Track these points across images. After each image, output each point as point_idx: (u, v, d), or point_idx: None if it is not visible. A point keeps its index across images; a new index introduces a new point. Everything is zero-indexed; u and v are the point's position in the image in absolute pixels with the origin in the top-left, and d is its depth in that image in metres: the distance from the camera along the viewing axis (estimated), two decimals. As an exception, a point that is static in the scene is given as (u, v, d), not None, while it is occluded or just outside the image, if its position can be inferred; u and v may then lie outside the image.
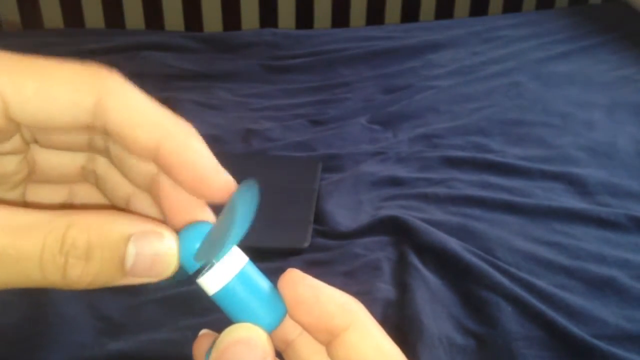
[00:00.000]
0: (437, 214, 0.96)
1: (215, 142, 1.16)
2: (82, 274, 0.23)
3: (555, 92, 1.32)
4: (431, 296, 0.81)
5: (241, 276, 0.25)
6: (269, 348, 0.24)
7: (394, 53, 1.50)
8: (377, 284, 0.83)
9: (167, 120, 0.27)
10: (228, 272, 0.25)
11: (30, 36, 1.57)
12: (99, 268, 0.23)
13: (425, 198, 1.00)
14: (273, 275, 0.27)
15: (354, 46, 1.52)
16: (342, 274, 0.85)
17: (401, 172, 1.07)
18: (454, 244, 0.87)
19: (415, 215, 0.94)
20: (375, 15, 1.85)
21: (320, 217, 0.96)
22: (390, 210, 0.96)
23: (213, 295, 0.25)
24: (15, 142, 0.25)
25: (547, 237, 0.92)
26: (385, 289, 0.82)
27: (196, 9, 1.77)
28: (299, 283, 0.25)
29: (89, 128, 0.25)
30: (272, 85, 1.39)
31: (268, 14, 1.80)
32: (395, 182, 1.05)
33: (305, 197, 0.99)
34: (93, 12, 1.73)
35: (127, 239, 0.23)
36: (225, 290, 0.25)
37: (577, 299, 0.80)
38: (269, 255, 0.87)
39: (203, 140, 0.27)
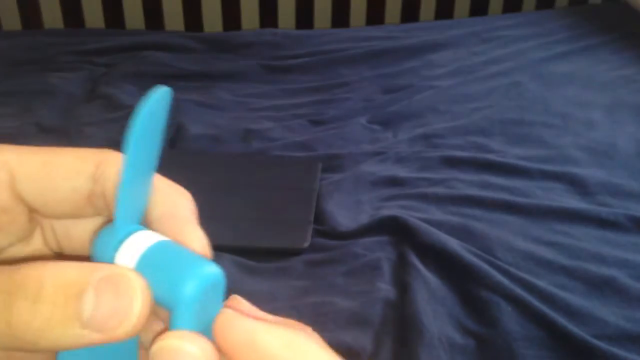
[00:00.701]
0: (437, 214, 0.96)
1: (215, 142, 1.16)
2: (30, 317, 0.20)
3: (556, 92, 1.32)
4: (431, 296, 0.81)
5: (152, 249, 0.22)
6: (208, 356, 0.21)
7: (394, 53, 1.50)
8: (377, 284, 0.83)
9: (160, 188, 0.25)
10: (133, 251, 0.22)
11: (30, 36, 1.57)
12: (50, 312, 0.20)
13: (425, 198, 1.00)
14: (273, 276, 0.26)
15: (354, 46, 1.52)
16: (342, 274, 0.85)
17: (401, 172, 1.07)
18: (454, 244, 0.87)
19: (415, 215, 0.94)
20: (375, 15, 1.85)
21: (320, 217, 0.96)
22: (390, 210, 0.96)
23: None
24: (21, 227, 0.25)
25: (547, 237, 0.92)
26: (385, 289, 0.82)
27: (196, 9, 1.77)
28: (232, 327, 0.21)
29: (91, 196, 0.24)
30: (272, 85, 1.39)
31: (268, 14, 1.80)
32: (395, 182, 1.05)
33: (305, 197, 0.99)
34: (93, 12, 1.73)
35: (85, 282, 0.20)
36: (139, 265, 0.22)
37: (577, 299, 0.80)
38: (269, 255, 0.87)
39: (192, 208, 0.25)
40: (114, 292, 0.20)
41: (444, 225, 0.92)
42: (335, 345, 0.22)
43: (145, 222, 0.24)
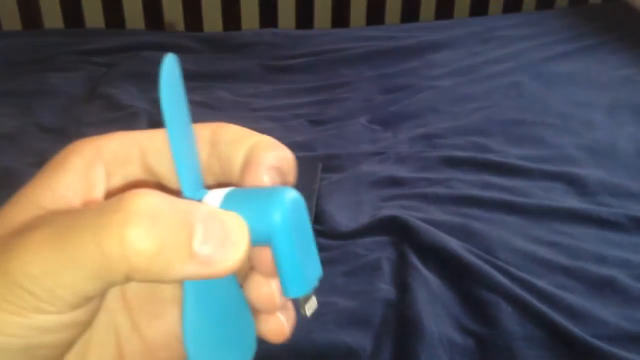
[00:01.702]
0: (437, 214, 0.96)
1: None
2: (146, 238, 0.20)
3: (556, 92, 1.32)
4: (431, 296, 0.81)
5: (231, 193, 0.23)
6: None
7: (394, 53, 1.50)
8: (377, 284, 0.83)
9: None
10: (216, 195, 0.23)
11: (30, 36, 1.57)
12: (166, 234, 0.20)
13: (425, 198, 1.00)
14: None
15: (354, 46, 1.52)
16: (342, 274, 0.85)
17: (401, 172, 1.07)
18: (454, 244, 0.87)
19: (415, 215, 0.94)
20: (375, 15, 1.85)
21: (320, 217, 0.96)
22: (391, 210, 0.96)
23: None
24: None
25: (547, 237, 0.92)
26: (385, 289, 0.82)
27: (196, 9, 1.77)
28: None
29: (209, 159, 0.26)
30: (272, 85, 1.39)
31: (268, 14, 1.80)
32: (395, 182, 1.05)
33: (305, 197, 0.99)
34: (93, 12, 1.72)
35: (196, 214, 0.21)
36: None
37: (577, 299, 0.80)
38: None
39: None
40: (220, 227, 0.21)
41: (444, 225, 0.92)
42: (335, 345, 0.22)
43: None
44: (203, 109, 1.27)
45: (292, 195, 0.23)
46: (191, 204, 0.21)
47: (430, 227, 0.90)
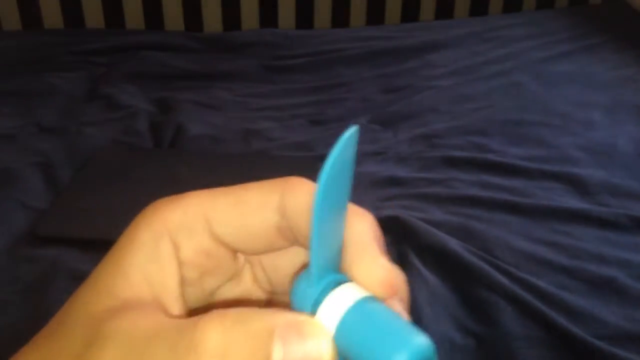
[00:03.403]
0: (437, 214, 0.96)
1: (215, 142, 1.16)
2: None
3: (556, 92, 1.32)
4: (431, 296, 0.81)
5: (355, 309, 0.21)
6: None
7: (394, 53, 1.50)
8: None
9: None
10: (340, 305, 0.21)
11: (30, 36, 1.57)
12: None
13: (425, 198, 1.00)
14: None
15: (354, 46, 1.52)
16: (342, 274, 0.85)
17: (401, 172, 1.07)
18: (454, 244, 0.87)
19: (415, 215, 0.94)
20: (375, 15, 1.85)
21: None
22: (391, 210, 0.96)
23: (334, 337, 0.21)
24: (227, 268, 0.25)
25: (547, 237, 0.92)
26: (385, 289, 0.82)
27: (196, 9, 1.77)
28: None
29: (280, 228, 0.24)
30: (272, 85, 1.39)
31: (268, 14, 1.80)
32: (395, 182, 1.05)
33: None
34: (93, 12, 1.72)
35: (271, 332, 0.20)
36: (340, 327, 0.21)
37: (577, 299, 0.80)
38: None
39: (373, 233, 0.24)
40: (299, 339, 0.20)
41: (444, 225, 0.92)
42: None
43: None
44: (203, 108, 1.27)
45: (421, 345, 0.20)
46: (266, 320, 0.20)
47: (430, 227, 0.90)
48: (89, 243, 0.90)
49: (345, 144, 0.21)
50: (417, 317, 0.76)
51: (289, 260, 0.26)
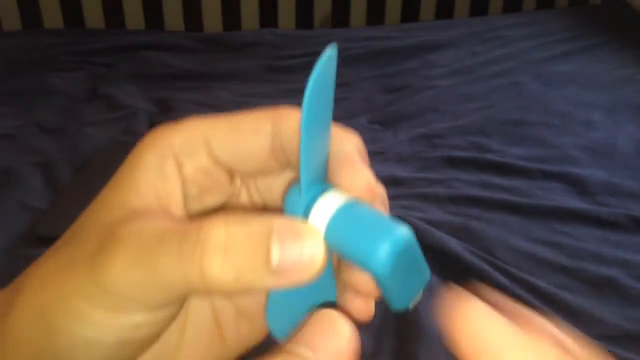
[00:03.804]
0: (437, 214, 0.96)
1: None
2: (223, 267, 0.21)
3: (556, 92, 1.32)
4: (431, 296, 0.81)
5: (341, 210, 0.23)
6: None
7: (394, 53, 1.50)
8: (377, 284, 0.83)
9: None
10: (327, 208, 0.23)
11: (30, 36, 1.57)
12: (241, 260, 0.21)
13: (425, 198, 1.00)
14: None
15: (354, 46, 1.52)
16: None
17: (401, 172, 1.07)
18: (454, 244, 0.87)
19: (415, 215, 0.94)
20: (375, 15, 1.85)
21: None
22: (391, 210, 0.96)
23: (324, 237, 0.23)
24: (224, 187, 0.27)
25: (547, 237, 0.92)
26: (385, 289, 0.82)
27: (196, 9, 1.77)
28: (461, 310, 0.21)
29: (273, 151, 0.26)
30: (272, 85, 1.39)
31: (268, 14, 1.80)
32: (395, 182, 1.05)
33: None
34: (93, 12, 1.72)
35: (269, 232, 0.22)
36: (329, 227, 0.23)
37: (577, 299, 0.80)
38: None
39: (358, 147, 0.26)
40: (295, 240, 0.22)
41: (444, 225, 0.92)
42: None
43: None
44: (203, 108, 1.27)
45: (401, 236, 0.22)
46: (265, 222, 0.22)
47: (430, 227, 0.90)
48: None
49: (326, 63, 0.22)
50: (417, 316, 0.76)
51: (282, 183, 0.28)
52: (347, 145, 0.26)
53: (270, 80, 1.42)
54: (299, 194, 0.24)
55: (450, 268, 0.85)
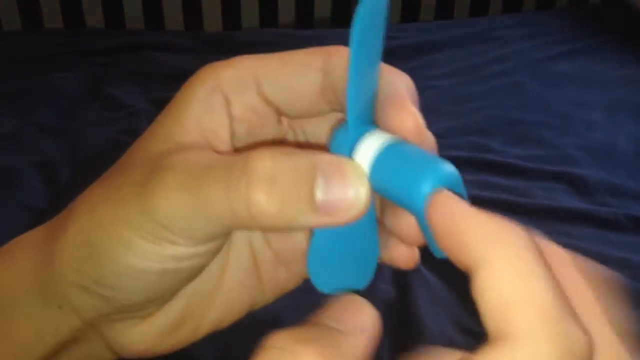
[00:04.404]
0: (437, 214, 0.96)
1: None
2: (268, 199, 0.21)
3: (556, 92, 1.32)
4: (431, 296, 0.81)
5: (387, 149, 0.22)
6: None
7: (394, 53, 1.50)
8: (377, 284, 0.83)
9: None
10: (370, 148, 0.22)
11: (30, 36, 1.57)
12: (286, 193, 0.21)
13: (425, 198, 1.00)
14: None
15: (354, 46, 1.52)
16: (342, 274, 0.85)
17: (401, 172, 1.07)
18: (454, 244, 0.87)
19: (415, 215, 0.94)
20: (375, 15, 1.85)
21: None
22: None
23: (369, 177, 0.22)
24: (272, 128, 0.27)
25: (547, 237, 0.92)
26: (385, 289, 0.82)
27: (196, 9, 1.77)
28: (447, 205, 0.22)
29: (323, 90, 0.26)
30: (272, 85, 1.39)
31: (268, 14, 1.80)
32: (395, 182, 1.05)
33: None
34: (93, 12, 1.72)
35: (315, 167, 0.22)
36: (374, 166, 0.22)
37: (577, 299, 0.80)
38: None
39: (408, 88, 0.26)
40: (341, 178, 0.22)
41: (444, 225, 0.92)
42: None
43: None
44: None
45: (447, 172, 0.22)
46: (311, 157, 0.22)
47: (430, 227, 0.90)
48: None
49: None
50: (417, 317, 0.76)
51: (329, 126, 0.27)
52: (398, 84, 0.25)
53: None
54: (345, 132, 0.23)
55: (450, 268, 0.85)
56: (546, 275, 0.18)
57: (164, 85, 1.34)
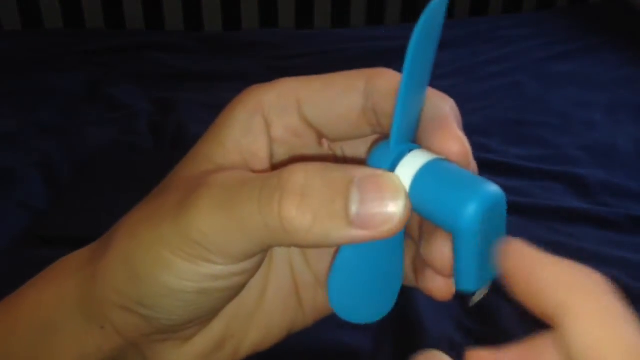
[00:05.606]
0: (437, 214, 0.96)
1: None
2: (300, 213, 0.21)
3: (556, 92, 1.32)
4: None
5: (429, 166, 0.22)
6: None
7: (394, 53, 1.50)
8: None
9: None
10: (412, 165, 0.22)
11: (30, 36, 1.57)
12: (318, 207, 0.21)
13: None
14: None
15: (354, 46, 1.52)
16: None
17: (401, 172, 1.07)
18: (454, 244, 0.87)
19: (415, 215, 0.94)
20: (375, 15, 1.85)
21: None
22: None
23: (409, 194, 0.22)
24: (312, 150, 0.27)
25: (547, 237, 0.92)
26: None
27: (196, 9, 1.77)
28: (520, 255, 0.21)
29: (364, 111, 0.25)
30: (272, 85, 1.39)
31: (268, 14, 1.80)
32: (395, 182, 1.05)
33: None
34: (93, 12, 1.72)
35: (350, 181, 0.21)
36: (415, 182, 0.22)
37: (577, 299, 0.80)
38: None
39: (453, 111, 0.25)
40: (377, 191, 0.21)
41: (444, 225, 0.92)
42: (335, 345, 0.22)
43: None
44: (203, 108, 1.26)
45: (493, 193, 0.21)
46: (346, 171, 0.21)
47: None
48: (89, 243, 0.90)
49: (432, 15, 0.21)
50: (417, 317, 0.76)
51: (369, 148, 0.27)
52: (444, 107, 0.25)
53: (270, 80, 1.41)
54: (387, 148, 0.22)
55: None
56: (626, 317, 0.19)
57: (164, 85, 1.34)
